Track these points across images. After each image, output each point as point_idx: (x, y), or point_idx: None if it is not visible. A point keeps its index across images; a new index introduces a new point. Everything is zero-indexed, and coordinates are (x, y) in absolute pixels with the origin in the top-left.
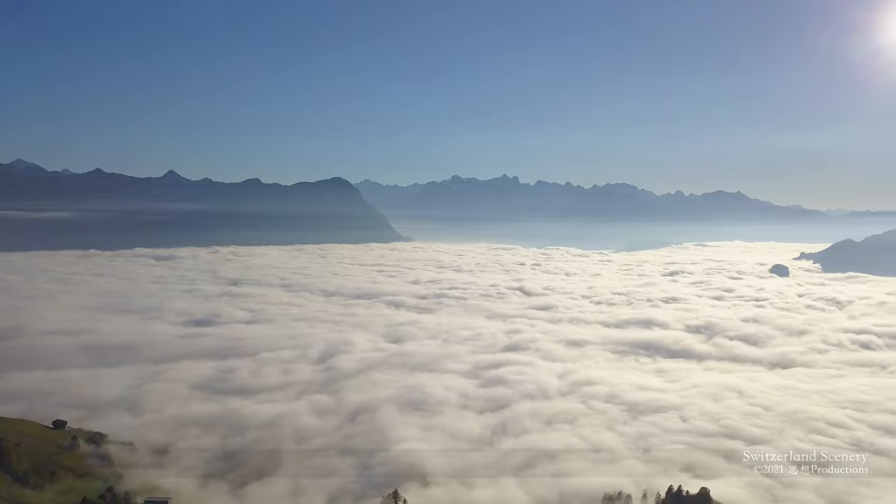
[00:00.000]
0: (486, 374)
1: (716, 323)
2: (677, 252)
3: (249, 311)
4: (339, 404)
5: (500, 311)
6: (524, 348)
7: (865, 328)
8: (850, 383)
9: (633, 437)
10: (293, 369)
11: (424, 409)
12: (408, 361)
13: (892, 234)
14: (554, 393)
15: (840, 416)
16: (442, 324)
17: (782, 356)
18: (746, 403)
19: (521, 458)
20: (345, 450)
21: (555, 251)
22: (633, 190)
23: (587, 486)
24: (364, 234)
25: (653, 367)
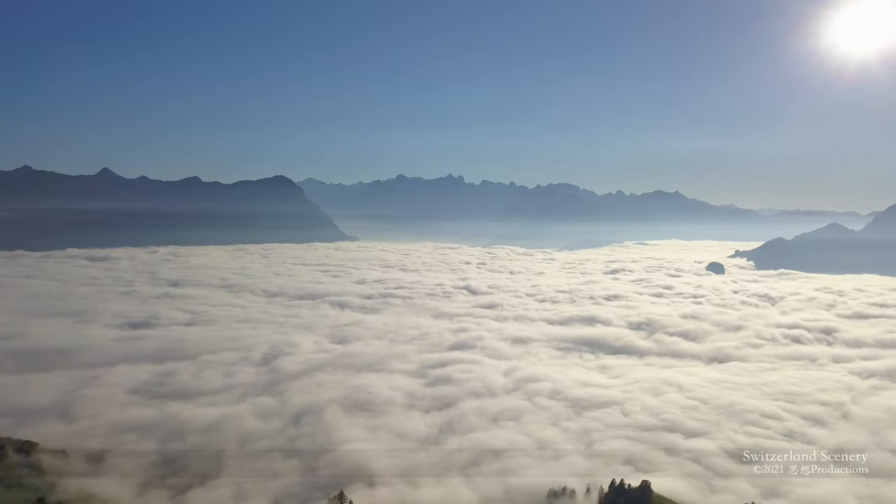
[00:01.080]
0: (432, 373)
1: (656, 320)
2: (618, 250)
3: (190, 313)
4: (282, 406)
5: (446, 310)
6: (470, 347)
7: (796, 323)
8: (783, 376)
9: (576, 433)
10: (235, 371)
11: (370, 410)
12: (353, 362)
13: (820, 233)
14: (500, 390)
15: (773, 407)
16: (388, 323)
17: (719, 351)
18: (685, 397)
19: (467, 456)
20: (289, 452)
21: (500, 250)
22: (575, 190)
23: (532, 483)
24: (308, 233)
25: (596, 363)
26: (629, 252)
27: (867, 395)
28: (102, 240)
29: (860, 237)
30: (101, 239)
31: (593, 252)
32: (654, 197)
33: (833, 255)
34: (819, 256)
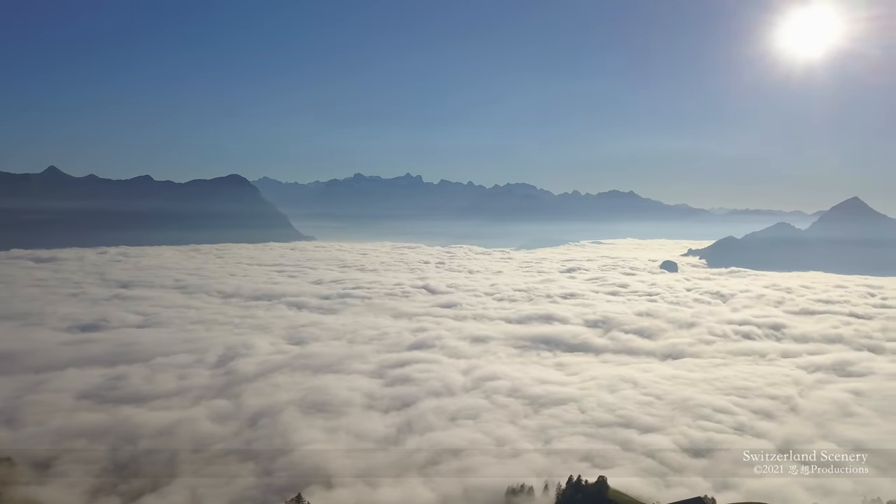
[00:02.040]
0: (391, 374)
1: (612, 317)
2: (574, 249)
3: (142, 315)
4: (238, 409)
5: (405, 310)
6: (430, 346)
7: (746, 319)
8: (734, 371)
9: (534, 430)
10: (190, 374)
11: (328, 411)
12: (311, 363)
13: (769, 232)
14: (459, 389)
15: (725, 402)
16: (346, 324)
17: (673, 347)
18: (640, 393)
19: (426, 455)
20: (245, 454)
21: (458, 249)
22: (532, 190)
23: (491, 482)
24: (263, 233)
25: (553, 360)
26: (585, 251)
27: (813, 389)
28: (49, 240)
29: (806, 236)
30: (47, 239)
31: (550, 251)
32: (610, 197)
33: (781, 253)
34: (768, 254)
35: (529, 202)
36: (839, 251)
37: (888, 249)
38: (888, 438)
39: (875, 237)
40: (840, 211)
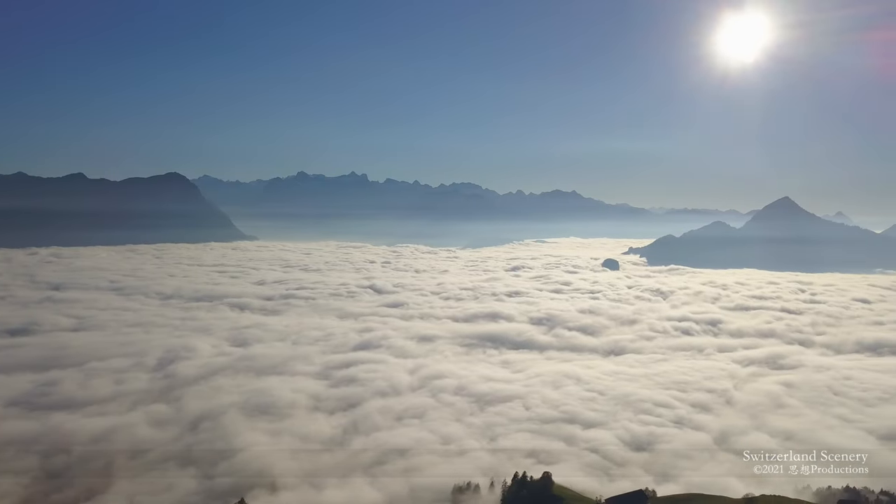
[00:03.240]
0: (337, 374)
1: (556, 315)
2: (519, 248)
3: (75, 318)
4: (179, 413)
5: (351, 310)
6: (376, 346)
7: (685, 316)
8: (673, 366)
9: (480, 428)
10: (127, 378)
11: (273, 413)
12: (254, 365)
13: (706, 230)
14: (405, 389)
15: (665, 396)
16: (290, 325)
17: (615, 344)
18: (583, 389)
19: (372, 456)
20: (186, 460)
21: (404, 249)
22: (478, 189)
23: (437, 480)
24: (203, 232)
25: (499, 358)
26: (529, 250)
27: (748, 382)
28: None
29: (741, 234)
30: None
31: (495, 250)
32: (553, 196)
33: (717, 250)
34: (705, 252)
35: (475, 202)
36: (771, 249)
37: (816, 247)
38: (816, 428)
39: (804, 235)
40: (772, 210)
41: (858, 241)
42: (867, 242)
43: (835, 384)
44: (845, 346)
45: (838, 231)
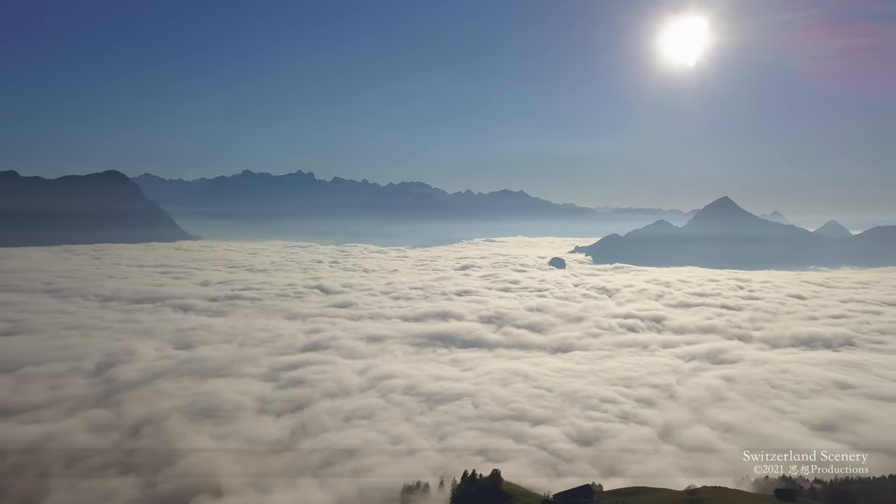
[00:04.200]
0: (284, 376)
1: (505, 313)
2: (468, 247)
3: (8, 322)
4: (119, 418)
5: (298, 311)
6: (325, 347)
7: (630, 313)
8: (619, 362)
9: (430, 427)
10: (64, 384)
11: (218, 416)
12: (199, 368)
13: (649, 229)
14: (354, 389)
15: (611, 392)
16: (236, 326)
17: (563, 341)
18: (531, 386)
19: (320, 457)
20: (126, 466)
21: (353, 248)
22: (427, 188)
23: (387, 480)
24: (144, 232)
25: (449, 357)
26: (478, 249)
27: (690, 377)
28: None
29: (683, 232)
30: None
31: (445, 249)
32: (501, 196)
33: (660, 249)
34: (648, 250)
35: (424, 201)
36: (712, 247)
37: (754, 245)
38: (754, 420)
39: (743, 234)
40: (712, 209)
41: (793, 239)
42: (801, 241)
43: (771, 377)
44: (781, 340)
45: (774, 230)
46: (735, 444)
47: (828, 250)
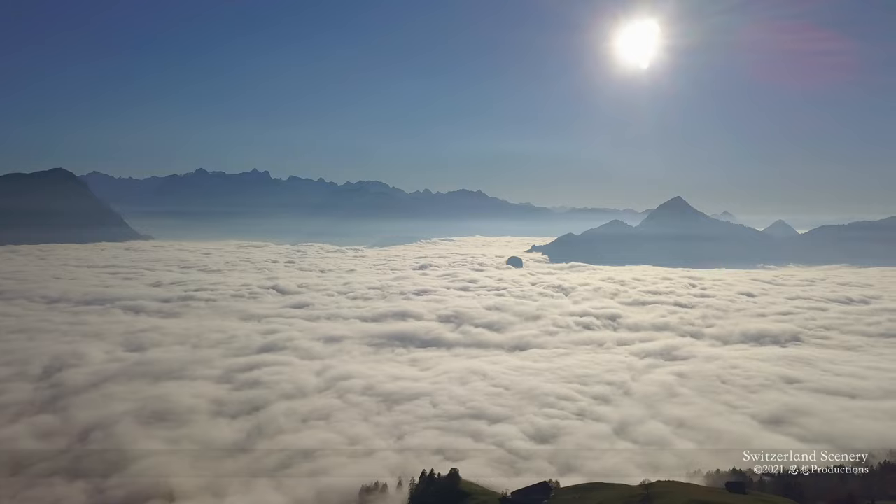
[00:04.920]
0: (240, 378)
1: (463, 312)
2: (426, 247)
3: None
4: (66, 423)
5: (254, 312)
6: (281, 348)
7: (586, 311)
8: (575, 360)
9: (388, 427)
10: (8, 389)
11: (171, 420)
12: (151, 370)
13: (605, 228)
14: (311, 390)
15: (567, 390)
16: (190, 328)
17: (520, 339)
18: (490, 385)
19: (277, 459)
20: (74, 473)
21: (309, 248)
22: (385, 188)
23: (344, 481)
24: (93, 232)
25: (407, 357)
26: (436, 248)
27: (644, 373)
28: None
29: (637, 232)
30: None
31: (403, 248)
32: (459, 195)
33: (615, 248)
34: (603, 249)
35: (382, 200)
36: (665, 246)
37: (705, 244)
38: (706, 415)
39: (695, 233)
40: (665, 209)
41: (743, 238)
42: (751, 239)
43: (722, 373)
44: (732, 336)
45: (725, 229)
46: (687, 439)
47: (775, 249)
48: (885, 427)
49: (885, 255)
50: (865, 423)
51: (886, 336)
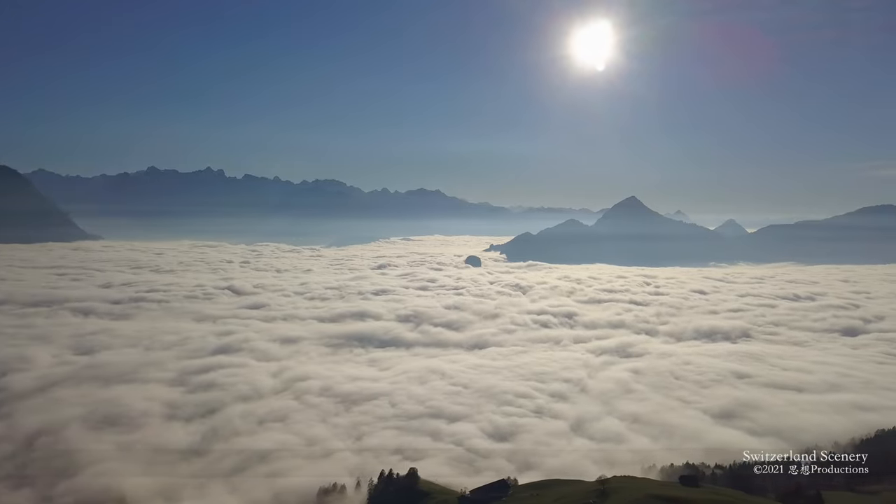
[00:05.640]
0: (194, 380)
1: (422, 311)
2: (385, 246)
3: None
4: (11, 430)
5: (208, 313)
6: (237, 349)
7: (543, 309)
8: (533, 358)
9: (346, 428)
10: None
11: (122, 425)
12: (101, 374)
13: (561, 228)
14: (268, 392)
15: (525, 387)
16: (142, 330)
17: (479, 338)
18: (448, 384)
19: (233, 462)
20: (20, 481)
21: (265, 247)
22: (342, 187)
23: (302, 483)
24: (39, 232)
25: (366, 357)
26: (395, 247)
27: (600, 370)
28: None
29: (592, 231)
30: None
31: (361, 248)
32: (417, 194)
33: (571, 247)
34: (560, 248)
35: (339, 199)
36: (620, 244)
37: (659, 243)
38: (660, 410)
39: (649, 232)
40: (620, 209)
41: (695, 237)
42: (702, 238)
43: (676, 369)
44: (685, 333)
45: (678, 228)
46: (642, 435)
47: (726, 247)
48: (830, 420)
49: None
50: (811, 417)
51: (830, 331)
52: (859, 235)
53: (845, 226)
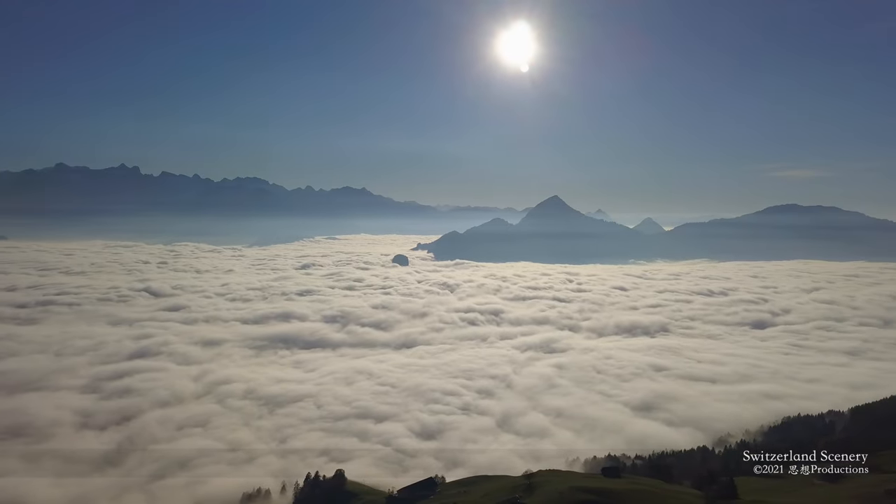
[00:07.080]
0: (109, 386)
1: (349, 312)
2: (309, 245)
3: None
4: None
5: (124, 316)
6: (155, 353)
7: (471, 307)
8: (460, 355)
9: (270, 431)
10: None
11: (29, 435)
12: (5, 382)
13: (487, 226)
14: (189, 396)
15: (453, 385)
16: (52, 335)
17: (406, 337)
18: (376, 384)
19: (150, 470)
20: None
21: (183, 247)
22: (264, 184)
23: (224, 489)
24: None
25: (291, 359)
26: (320, 247)
27: (525, 366)
28: None
29: (517, 229)
30: None
31: (284, 247)
32: (343, 193)
33: (497, 245)
34: (486, 247)
35: (261, 197)
36: (544, 243)
37: (581, 241)
38: (583, 404)
39: (571, 230)
40: (543, 208)
41: (615, 235)
42: (622, 236)
43: (598, 364)
44: (606, 329)
45: (599, 226)
46: (566, 428)
47: (645, 245)
48: (741, 409)
49: (740, 251)
50: (724, 406)
51: (741, 325)
52: (767, 233)
53: (754, 224)
